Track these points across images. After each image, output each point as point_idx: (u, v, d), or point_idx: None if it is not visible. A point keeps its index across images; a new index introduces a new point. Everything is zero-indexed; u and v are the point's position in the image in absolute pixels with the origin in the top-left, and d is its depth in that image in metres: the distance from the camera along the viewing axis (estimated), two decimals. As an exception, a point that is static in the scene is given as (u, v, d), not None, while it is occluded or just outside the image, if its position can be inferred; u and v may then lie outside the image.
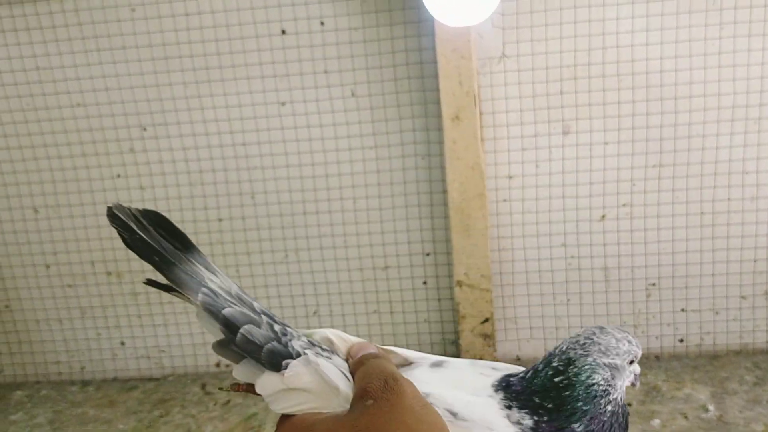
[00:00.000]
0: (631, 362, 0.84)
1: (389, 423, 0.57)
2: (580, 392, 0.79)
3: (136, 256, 0.71)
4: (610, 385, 0.81)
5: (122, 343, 3.21)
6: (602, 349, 0.83)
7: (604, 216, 2.86)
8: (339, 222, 2.97)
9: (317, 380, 0.69)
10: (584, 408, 0.78)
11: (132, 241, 0.70)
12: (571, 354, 0.83)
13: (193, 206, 2.99)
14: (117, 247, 3.06)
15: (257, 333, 0.70)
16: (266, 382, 0.68)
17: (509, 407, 0.77)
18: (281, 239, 3.00)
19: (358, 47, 2.75)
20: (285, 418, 0.67)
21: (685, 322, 2.96)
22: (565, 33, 2.66)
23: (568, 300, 2.97)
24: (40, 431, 2.83)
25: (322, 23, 2.74)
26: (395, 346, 0.82)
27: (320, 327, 3.07)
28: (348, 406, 0.63)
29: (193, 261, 0.73)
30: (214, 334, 0.72)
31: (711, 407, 2.58)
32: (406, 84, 2.78)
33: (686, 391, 2.71)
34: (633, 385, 0.88)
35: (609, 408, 0.80)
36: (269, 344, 0.69)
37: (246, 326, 0.69)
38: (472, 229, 2.81)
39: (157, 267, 0.71)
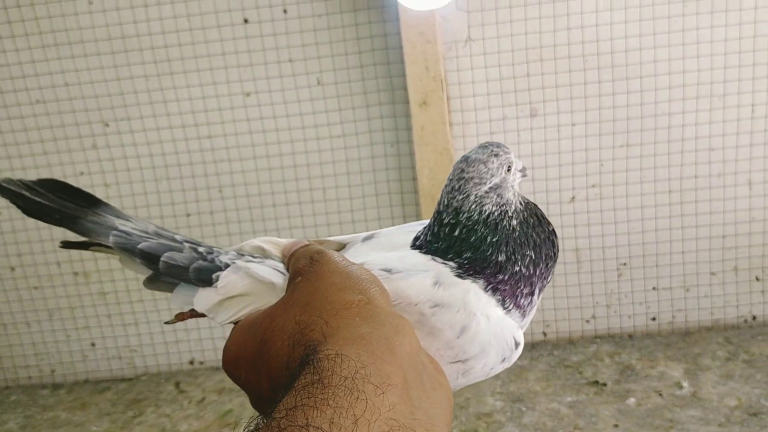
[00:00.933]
0: (509, 169, 0.82)
1: (318, 289, 0.58)
2: (482, 230, 0.78)
3: (104, 257, 0.74)
4: (502, 205, 0.80)
5: (92, 344, 3.15)
6: (476, 181, 0.80)
7: (573, 197, 2.86)
8: (309, 213, 2.94)
9: (251, 282, 0.69)
10: (494, 240, 0.78)
11: (27, 207, 0.72)
12: (454, 203, 0.81)
13: (160, 202, 2.94)
14: (83, 246, 2.99)
15: (179, 257, 0.71)
16: (202, 298, 0.70)
17: (433, 259, 0.77)
18: (251, 233, 2.96)
19: (323, 34, 2.72)
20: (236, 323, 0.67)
21: (657, 300, 2.98)
22: (529, 14, 2.65)
23: (541, 283, 2.97)
24: (11, 437, 2.77)
25: (285, 11, 2.70)
26: None
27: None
28: None
29: (102, 213, 0.75)
30: (141, 272, 0.73)
31: (685, 384, 2.60)
32: (372, 70, 2.75)
33: (660, 368, 2.72)
34: (524, 176, 0.86)
35: (514, 223, 0.79)
36: (195, 263, 0.71)
37: (166, 254, 0.71)
38: (443, 215, 2.79)
39: (60, 223, 0.72)
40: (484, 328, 0.73)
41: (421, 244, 0.80)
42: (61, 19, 2.73)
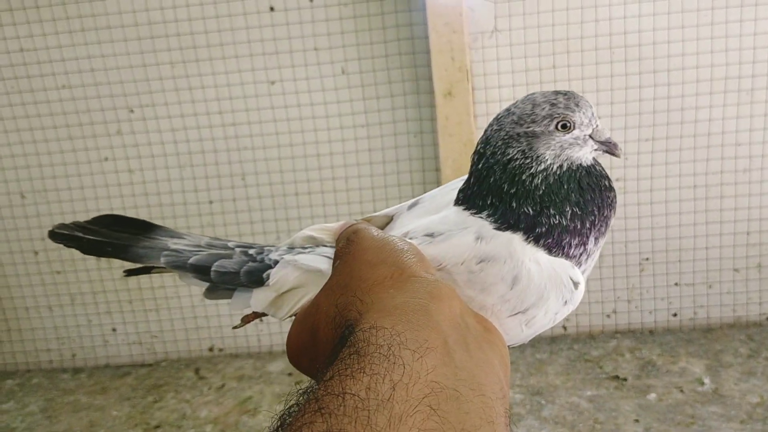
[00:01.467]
0: (564, 126, 0.73)
1: (353, 269, 0.59)
2: (499, 174, 0.73)
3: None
4: (528, 157, 0.73)
5: (114, 330, 3.18)
6: (515, 119, 0.74)
7: (597, 191, 2.84)
8: (331, 202, 2.94)
9: (300, 274, 0.71)
10: (512, 191, 0.72)
11: (84, 247, 0.78)
12: (488, 131, 0.76)
13: (183, 188, 2.95)
14: (106, 231, 3.01)
15: (229, 263, 0.74)
16: (257, 299, 0.72)
17: (472, 213, 0.75)
18: (273, 221, 2.97)
19: (348, 23, 2.72)
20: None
21: (679, 296, 2.96)
22: (557, 5, 2.63)
23: (563, 276, 2.96)
24: (33, 420, 2.79)
25: None
26: None
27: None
28: None
29: (155, 236, 0.79)
30: (198, 285, 0.76)
31: (706, 380, 2.58)
32: (398, 60, 2.74)
33: (681, 364, 2.71)
34: (609, 152, 0.78)
35: (537, 181, 0.72)
36: (244, 267, 0.73)
37: (216, 263, 0.74)
38: (465, 206, 2.78)
39: (115, 255, 0.77)
40: (537, 274, 0.69)
41: (461, 198, 0.77)
42: (88, 5, 2.74)
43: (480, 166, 0.75)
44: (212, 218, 2.97)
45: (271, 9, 2.71)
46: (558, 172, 0.73)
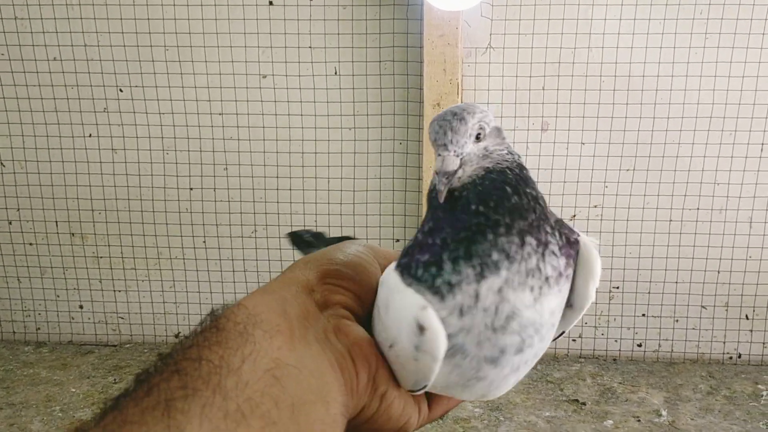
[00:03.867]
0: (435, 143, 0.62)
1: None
2: None
3: (103, 220, 0.78)
4: None
5: (80, 307, 3.16)
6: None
7: (574, 216, 2.87)
8: (311, 201, 2.94)
9: None
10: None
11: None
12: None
13: (164, 172, 2.94)
14: (83, 208, 3.00)
15: None
16: None
17: None
18: (251, 213, 2.97)
19: (345, 25, 2.73)
20: None
21: (645, 328, 2.99)
22: (552, 29, 2.66)
23: (533, 297, 2.98)
24: (-11, 389, 2.76)
25: (310, -2, 2.71)
26: None
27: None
28: None
29: None
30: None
31: (664, 412, 2.60)
32: (390, 67, 2.76)
33: (641, 394, 2.73)
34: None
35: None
36: None
37: None
38: (443, 218, 2.80)
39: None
40: (399, 304, 0.59)
41: None
42: (88, -20, 2.74)
43: None
44: (190, 204, 2.96)
45: (270, 3, 2.72)
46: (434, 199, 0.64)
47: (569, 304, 0.60)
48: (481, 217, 0.57)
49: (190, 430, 0.43)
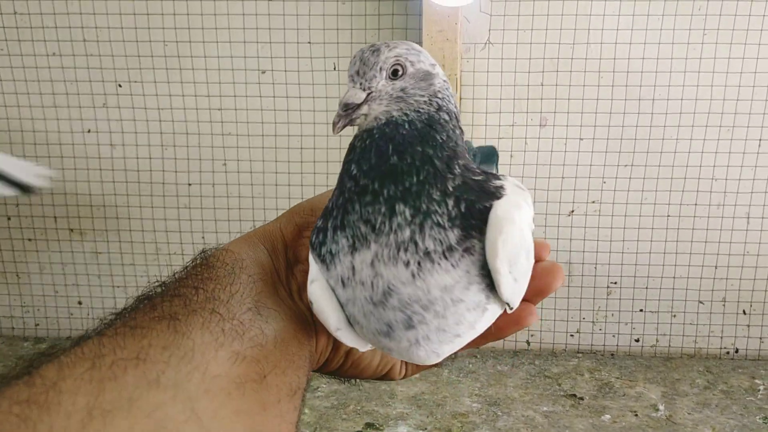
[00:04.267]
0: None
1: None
2: None
3: (102, 216, 0.79)
4: None
5: (80, 303, 3.16)
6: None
7: (572, 211, 2.88)
8: (310, 196, 2.94)
9: None
10: None
11: None
12: None
13: (163, 168, 2.94)
14: (81, 203, 3.00)
15: None
16: None
17: None
18: (250, 209, 2.98)
19: (345, 20, 2.73)
20: None
21: (643, 323, 3.00)
22: (551, 25, 2.67)
23: (531, 292, 2.99)
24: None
25: (309, -7, 2.72)
26: None
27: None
28: None
29: None
30: None
31: (661, 407, 2.61)
32: (389, 62, 2.76)
33: (638, 389, 2.74)
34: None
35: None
36: None
37: None
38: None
39: None
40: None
41: None
42: (87, -25, 2.74)
43: None
44: (189, 200, 2.97)
45: (269, -2, 2.72)
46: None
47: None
48: (352, 182, 0.53)
49: (195, 336, 0.49)
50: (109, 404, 0.42)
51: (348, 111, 0.55)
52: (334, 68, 2.78)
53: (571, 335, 3.03)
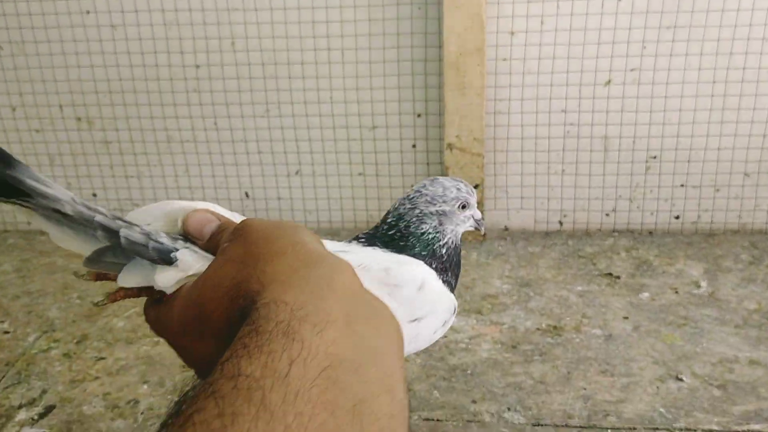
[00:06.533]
0: (463, 207, 0.98)
1: (249, 245, 0.58)
2: (415, 242, 0.95)
3: (108, 103, 0.64)
4: (438, 232, 0.96)
5: (94, 195, 3.06)
6: (428, 199, 0.96)
7: (609, 81, 2.66)
8: (325, 75, 2.76)
9: (201, 262, 0.68)
10: (423, 253, 0.95)
11: None
12: (401, 209, 0.97)
13: (168, 49, 2.76)
14: (87, 90, 2.85)
15: (133, 235, 0.68)
16: (165, 277, 0.67)
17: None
18: (262, 90, 2.80)
19: None
20: (170, 295, 0.67)
21: (684, 198, 2.82)
22: None
23: (563, 170, 2.82)
24: (5, 279, 2.71)
25: None
26: (380, 210, 0.78)
27: (302, 188, 2.92)
28: None
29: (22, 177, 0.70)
30: (78, 246, 0.70)
31: (703, 283, 2.48)
32: None
33: (678, 266, 2.60)
34: (477, 229, 1.04)
35: (443, 251, 0.96)
36: (150, 243, 0.68)
37: (122, 230, 0.68)
38: (467, 87, 2.61)
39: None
40: (437, 287, 0.92)
41: (360, 237, 0.98)
42: None
43: (391, 233, 0.97)
44: (198, 83, 2.80)
45: None
46: (453, 244, 1.00)
47: None
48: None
49: None
50: None
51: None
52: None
53: (607, 214, 2.87)
